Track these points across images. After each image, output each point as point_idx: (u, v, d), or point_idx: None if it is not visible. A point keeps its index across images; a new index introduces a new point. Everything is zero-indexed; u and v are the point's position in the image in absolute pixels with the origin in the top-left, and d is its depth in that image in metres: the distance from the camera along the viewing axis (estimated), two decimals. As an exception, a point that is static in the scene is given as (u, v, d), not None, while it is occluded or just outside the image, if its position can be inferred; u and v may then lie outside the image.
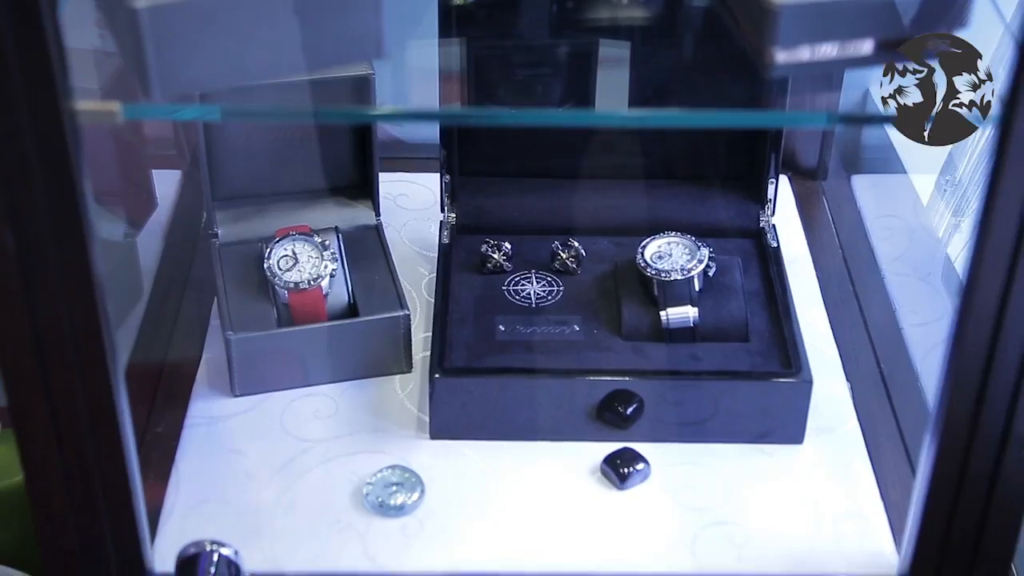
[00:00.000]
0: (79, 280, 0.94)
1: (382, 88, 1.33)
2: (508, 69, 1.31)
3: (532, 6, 1.27)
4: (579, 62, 1.29)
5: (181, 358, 1.37)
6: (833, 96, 1.17)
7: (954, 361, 1.00)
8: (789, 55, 0.95)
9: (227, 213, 1.43)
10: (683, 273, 1.31)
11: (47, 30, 0.85)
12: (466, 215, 1.45)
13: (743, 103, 1.03)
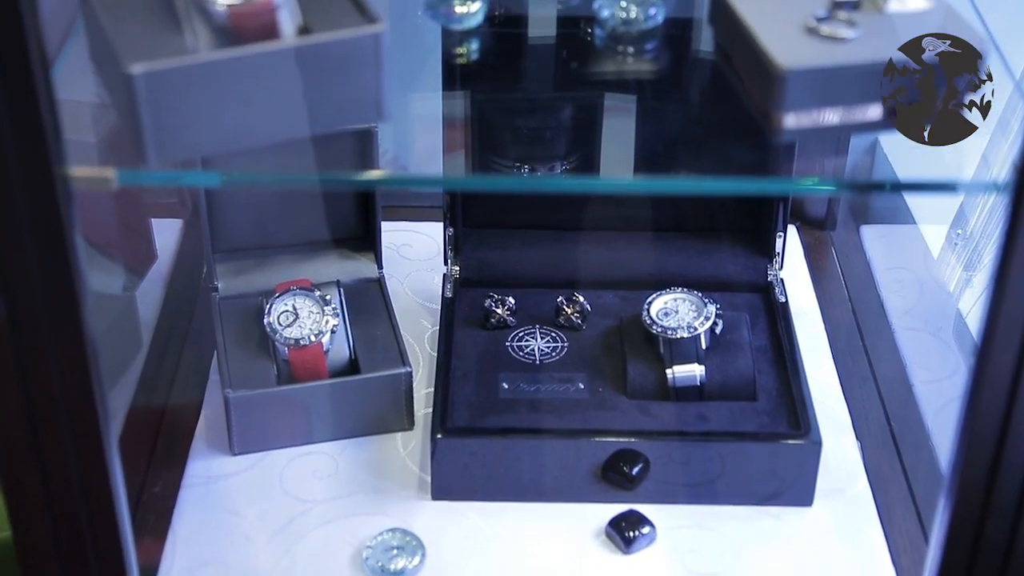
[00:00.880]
0: (72, 346, 0.92)
1: (384, 137, 1.31)
2: (512, 123, 1.29)
3: (537, 60, 1.26)
4: (584, 117, 1.28)
5: (180, 414, 1.35)
6: (840, 159, 1.15)
7: (968, 427, 0.98)
8: (796, 119, 0.94)
9: (228, 266, 1.41)
10: (689, 331, 1.28)
11: (40, 94, 0.83)
12: (469, 268, 1.43)
13: (749, 166, 1.01)
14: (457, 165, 1.33)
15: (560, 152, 1.29)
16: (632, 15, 1.11)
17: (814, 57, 0.93)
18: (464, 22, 1.12)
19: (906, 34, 0.95)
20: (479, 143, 1.32)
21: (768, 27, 0.96)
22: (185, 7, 0.91)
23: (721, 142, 1.03)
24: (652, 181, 1.01)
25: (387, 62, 0.94)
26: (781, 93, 0.92)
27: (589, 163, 1.30)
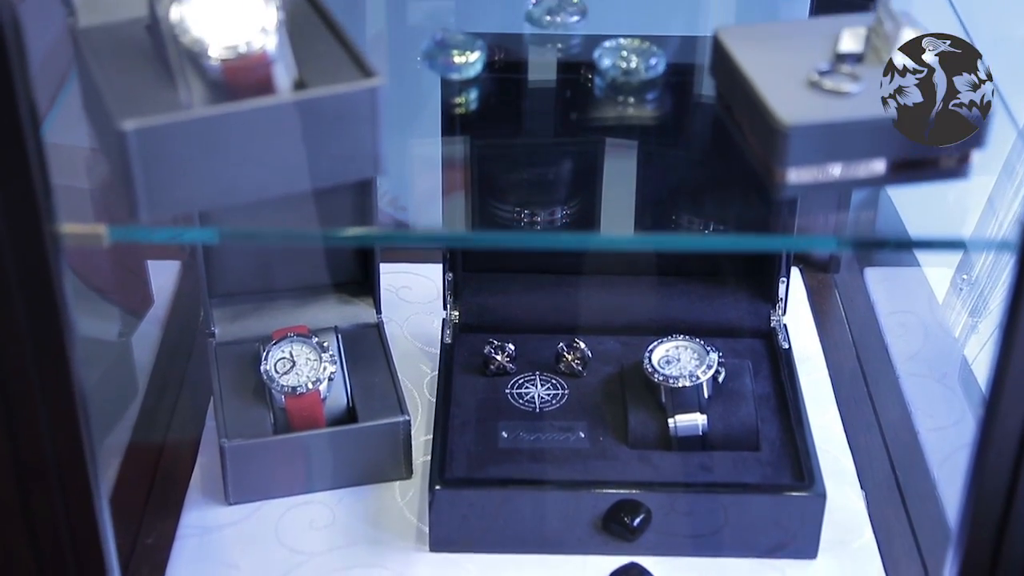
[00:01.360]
0: (62, 406, 0.90)
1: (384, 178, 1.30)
2: (512, 169, 1.28)
3: (536, 105, 1.25)
4: (584, 162, 1.26)
5: (175, 462, 1.34)
6: (843, 212, 1.14)
7: (977, 483, 0.96)
8: (798, 175, 0.92)
9: (225, 311, 1.40)
10: (692, 379, 1.27)
11: (30, 151, 0.82)
12: (469, 313, 1.41)
13: (750, 220, 1.00)
14: (457, 208, 1.31)
15: (560, 197, 1.28)
16: (632, 65, 1.09)
17: (816, 112, 0.92)
18: (463, 72, 1.11)
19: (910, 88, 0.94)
20: (479, 188, 1.31)
21: (770, 80, 0.95)
22: (179, 60, 0.90)
23: (722, 195, 1.02)
24: (653, 237, 0.99)
25: (384, 115, 0.92)
26: (783, 148, 0.91)
27: (590, 208, 1.29)
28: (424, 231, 1.09)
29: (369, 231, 1.07)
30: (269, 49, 0.90)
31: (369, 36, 1.34)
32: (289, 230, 1.04)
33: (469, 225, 1.31)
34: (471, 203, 1.31)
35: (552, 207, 1.31)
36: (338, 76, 0.93)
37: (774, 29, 1.03)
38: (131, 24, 0.97)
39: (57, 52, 1.05)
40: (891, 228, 1.03)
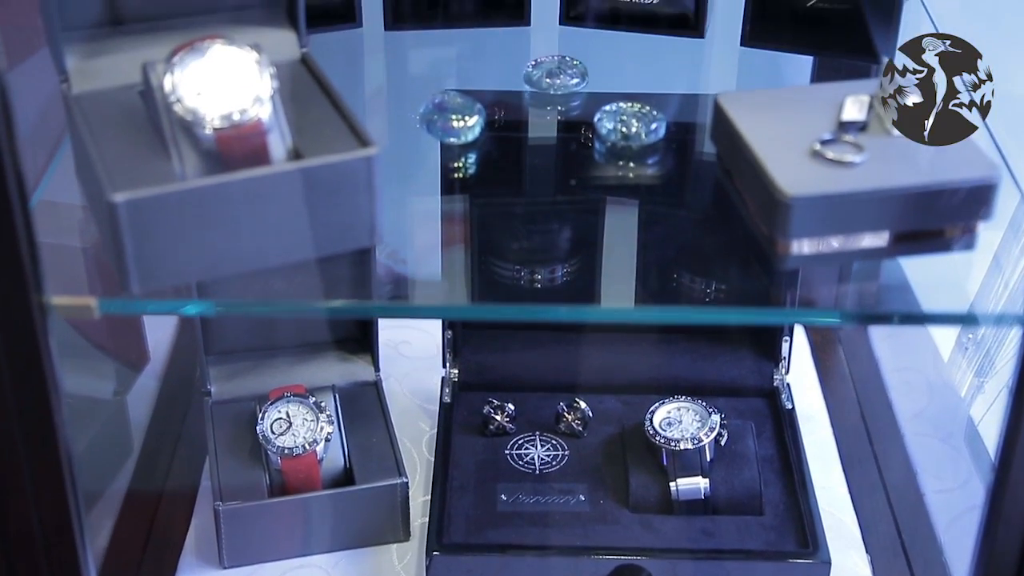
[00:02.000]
0: (50, 478, 0.89)
1: (385, 231, 1.28)
2: (512, 227, 1.26)
3: (537, 164, 1.23)
4: (585, 220, 1.25)
5: (169, 523, 1.32)
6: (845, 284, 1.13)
7: (986, 552, 0.94)
8: (801, 246, 0.91)
9: (221, 369, 1.38)
10: (694, 442, 1.25)
11: (18, 223, 0.81)
12: (468, 371, 1.40)
13: (752, 291, 0.99)
14: (456, 264, 1.30)
15: (561, 255, 1.26)
16: (633, 130, 1.08)
17: (819, 183, 0.90)
18: (461, 136, 1.10)
19: (914, 158, 0.93)
20: (478, 246, 1.29)
21: (772, 149, 0.94)
22: (171, 129, 0.89)
23: (723, 264, 1.00)
24: (654, 310, 0.98)
25: (384, 171, 0.91)
26: (785, 219, 0.90)
27: (590, 266, 1.27)
28: (422, 303, 1.07)
29: (367, 303, 1.05)
30: (263, 118, 0.89)
31: (368, 91, 1.32)
32: (286, 303, 1.03)
33: (468, 284, 1.29)
34: (470, 260, 1.30)
35: (552, 265, 1.29)
36: (334, 145, 0.92)
37: (776, 95, 1.02)
38: (125, 90, 0.96)
39: (53, 113, 1.04)
40: (897, 292, 1.01)
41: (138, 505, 1.34)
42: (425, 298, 1.43)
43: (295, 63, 1.02)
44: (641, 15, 1.23)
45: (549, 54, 1.20)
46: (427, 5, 1.24)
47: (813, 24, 1.20)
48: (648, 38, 1.23)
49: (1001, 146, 1.10)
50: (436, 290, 1.31)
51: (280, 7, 1.02)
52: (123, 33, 0.99)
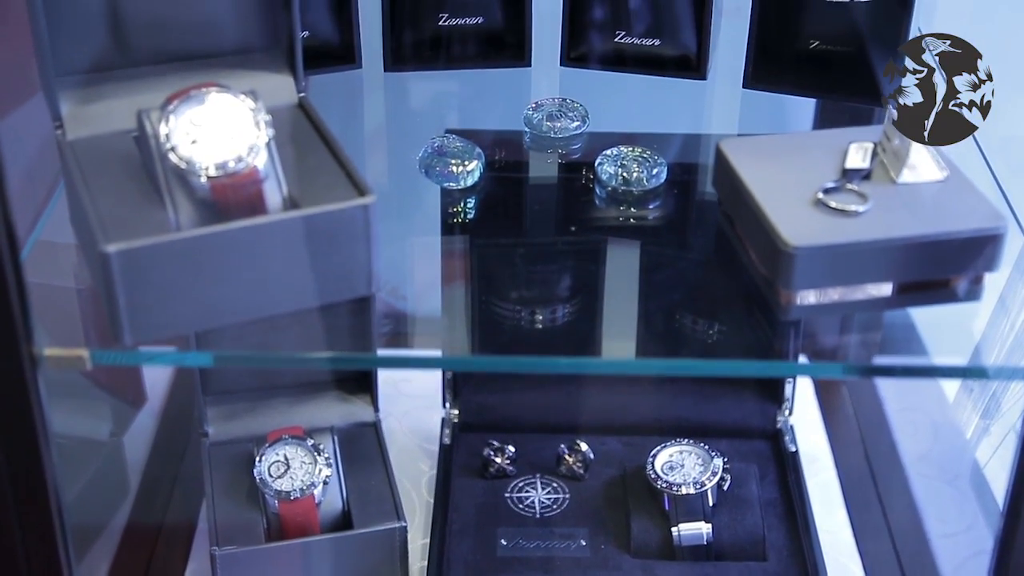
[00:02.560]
0: (40, 531, 0.87)
1: (384, 268, 1.27)
2: (512, 267, 1.25)
3: (537, 204, 1.22)
4: (586, 261, 1.24)
5: (165, 566, 1.30)
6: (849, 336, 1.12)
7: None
8: (804, 297, 0.90)
9: (219, 409, 1.36)
10: (696, 487, 1.23)
11: (8, 275, 0.80)
12: (469, 412, 1.38)
13: (755, 342, 0.97)
14: (456, 303, 1.28)
15: (561, 300, 1.25)
16: (634, 175, 1.07)
17: (823, 233, 0.89)
18: (460, 180, 1.08)
19: (920, 207, 0.91)
20: (478, 288, 1.28)
21: (775, 197, 0.93)
22: (165, 178, 0.88)
23: (725, 314, 0.99)
24: (656, 362, 0.97)
25: (380, 224, 0.90)
26: (788, 270, 0.88)
27: (592, 306, 1.26)
28: (422, 355, 1.06)
29: (367, 355, 1.04)
30: (259, 166, 0.88)
31: (367, 132, 1.32)
32: (285, 354, 1.02)
33: (468, 324, 1.28)
34: (470, 302, 1.29)
35: (552, 311, 1.28)
36: (331, 192, 0.91)
37: (778, 142, 1.01)
38: (120, 136, 0.95)
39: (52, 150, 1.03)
40: (902, 343, 1.00)
41: (134, 547, 1.32)
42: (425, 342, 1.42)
43: (292, 108, 1.01)
44: (643, 56, 1.22)
45: (550, 96, 1.19)
46: (427, 46, 1.23)
47: (816, 66, 1.19)
48: (650, 79, 1.22)
49: (1005, 188, 1.09)
50: (436, 328, 1.30)
51: (278, 51, 1.02)
52: (118, 78, 0.99)
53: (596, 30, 1.21)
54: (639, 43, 1.21)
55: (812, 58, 1.19)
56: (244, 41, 1.01)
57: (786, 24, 1.18)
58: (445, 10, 1.21)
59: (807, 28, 1.17)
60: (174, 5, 0.98)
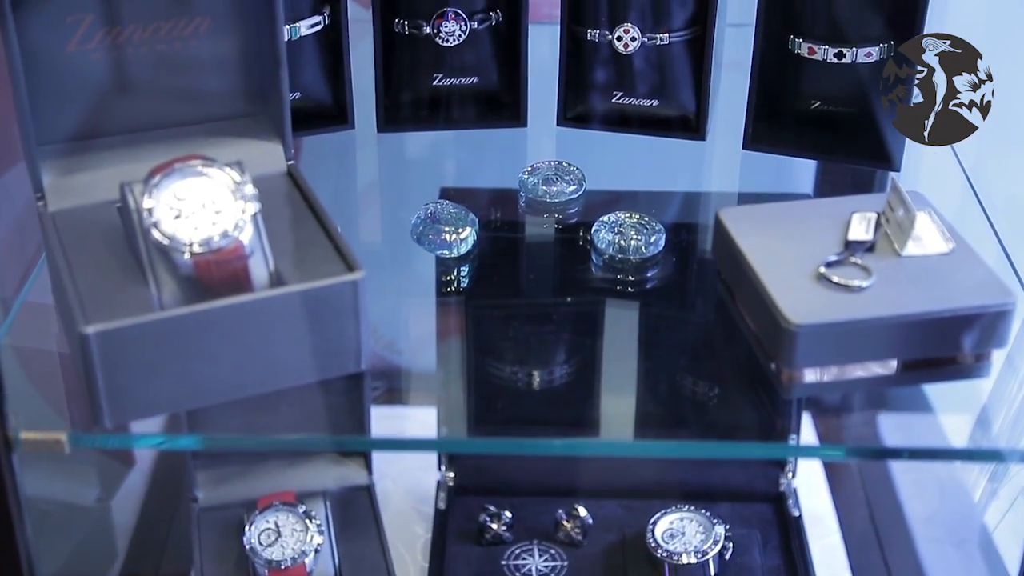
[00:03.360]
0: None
1: (381, 322, 1.24)
2: (508, 329, 1.22)
3: (534, 266, 1.20)
4: (584, 323, 1.21)
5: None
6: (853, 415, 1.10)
7: None
8: (807, 376, 0.87)
9: (208, 474, 1.33)
10: (697, 556, 1.20)
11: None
12: (465, 474, 1.35)
13: (756, 421, 0.95)
14: (453, 362, 1.26)
15: (558, 365, 1.22)
16: (631, 243, 1.04)
17: (826, 310, 0.87)
18: (454, 249, 1.06)
19: (925, 281, 0.89)
20: (474, 347, 1.26)
21: (776, 271, 0.90)
22: (148, 254, 0.85)
23: (726, 391, 0.96)
24: (654, 444, 0.95)
25: (367, 308, 0.88)
26: (790, 348, 0.86)
27: (590, 368, 1.23)
28: (417, 439, 1.04)
29: (361, 438, 1.01)
30: (244, 242, 0.85)
31: (360, 191, 1.29)
32: (276, 438, 0.99)
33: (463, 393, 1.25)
34: (466, 361, 1.26)
35: (549, 375, 1.25)
36: (319, 267, 0.89)
37: (779, 210, 0.98)
38: (103, 207, 0.93)
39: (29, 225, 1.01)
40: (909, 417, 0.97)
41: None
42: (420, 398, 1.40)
43: (281, 176, 0.99)
44: (640, 116, 1.19)
45: (545, 159, 1.17)
46: (421, 106, 1.21)
47: (817, 127, 1.16)
48: (648, 139, 1.20)
49: (1012, 254, 1.07)
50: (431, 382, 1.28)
51: (266, 117, 0.99)
52: (103, 146, 0.96)
53: (593, 90, 1.19)
54: (637, 103, 1.18)
55: (813, 119, 1.16)
56: (232, 107, 0.99)
57: (787, 84, 1.16)
58: (440, 70, 1.18)
59: (808, 88, 1.15)
60: (159, 71, 0.95)
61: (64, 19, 0.91)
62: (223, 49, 0.96)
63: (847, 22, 1.09)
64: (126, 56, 0.94)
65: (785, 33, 1.12)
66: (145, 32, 0.94)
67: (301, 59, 1.16)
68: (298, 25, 1.13)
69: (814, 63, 1.11)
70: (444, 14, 1.15)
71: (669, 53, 1.15)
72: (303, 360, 0.88)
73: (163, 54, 0.95)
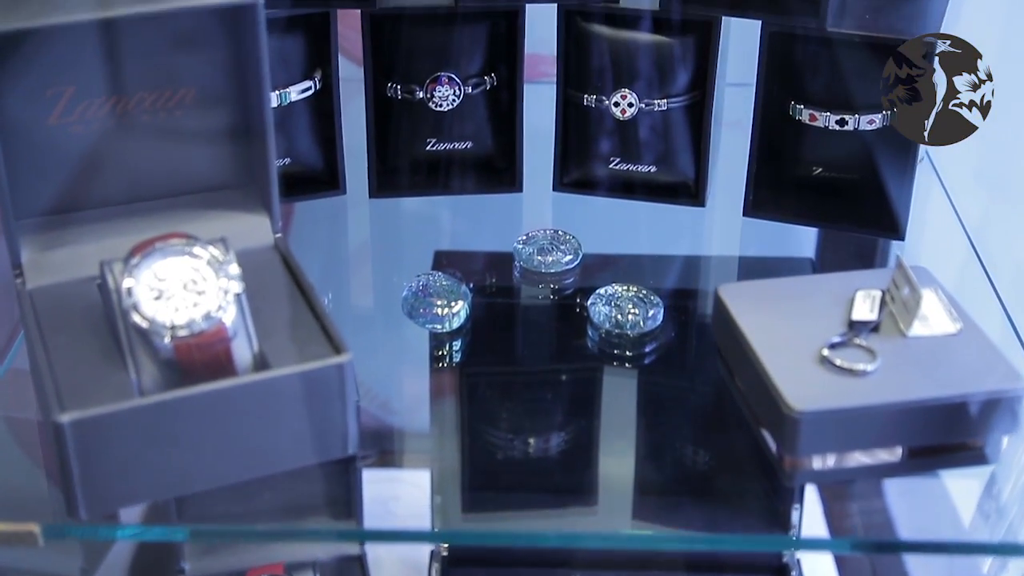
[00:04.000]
0: None
1: (375, 382, 1.21)
2: (505, 395, 1.19)
3: (529, 331, 1.17)
4: (581, 388, 1.18)
5: None
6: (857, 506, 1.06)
7: None
8: (809, 464, 0.84)
9: (196, 544, 1.30)
10: (697, 634, 1.16)
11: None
12: (459, 545, 1.31)
13: (757, 509, 0.91)
14: (448, 430, 1.22)
15: (556, 424, 1.19)
16: (629, 318, 1.01)
17: (829, 395, 0.83)
18: (446, 323, 1.03)
19: (932, 365, 0.86)
20: (469, 413, 1.22)
21: (777, 354, 0.87)
22: (128, 337, 0.82)
23: (726, 479, 0.93)
24: (651, 535, 0.91)
25: (354, 391, 0.85)
26: (793, 436, 0.83)
27: (587, 435, 1.20)
28: (411, 530, 1.01)
29: (353, 528, 0.98)
30: (227, 323, 0.82)
31: (353, 251, 1.26)
32: (265, 527, 0.96)
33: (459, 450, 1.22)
34: (461, 427, 1.23)
35: (547, 434, 1.22)
36: (305, 348, 0.86)
37: (780, 287, 0.95)
38: (83, 284, 0.90)
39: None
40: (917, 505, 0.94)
41: None
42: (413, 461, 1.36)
43: (268, 250, 0.96)
44: (639, 183, 1.17)
45: (541, 228, 1.14)
46: (414, 171, 1.19)
47: (819, 194, 1.14)
48: (646, 204, 1.18)
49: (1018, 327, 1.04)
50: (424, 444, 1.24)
51: (253, 189, 0.96)
52: (84, 220, 0.93)
53: (590, 156, 1.17)
54: (635, 169, 1.16)
55: (815, 185, 1.14)
56: (217, 178, 0.96)
57: (787, 150, 1.13)
58: (433, 135, 1.16)
59: (809, 154, 1.12)
60: (143, 143, 0.93)
61: (45, 92, 0.88)
62: (209, 120, 0.93)
63: (849, 89, 1.06)
64: (109, 128, 0.91)
65: (786, 99, 1.10)
66: (129, 104, 0.91)
67: (292, 124, 1.13)
68: (289, 91, 1.10)
69: (815, 129, 1.09)
70: (438, 78, 1.13)
71: (668, 119, 1.13)
72: (288, 445, 0.84)
73: (147, 126, 0.92)
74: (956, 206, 1.20)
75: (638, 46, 1.11)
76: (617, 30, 1.11)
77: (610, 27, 1.11)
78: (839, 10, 1.05)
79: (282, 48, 1.10)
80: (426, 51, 1.13)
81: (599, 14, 1.11)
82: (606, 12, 1.11)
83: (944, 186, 1.21)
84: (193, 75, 0.92)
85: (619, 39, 1.11)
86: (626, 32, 1.11)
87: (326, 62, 1.13)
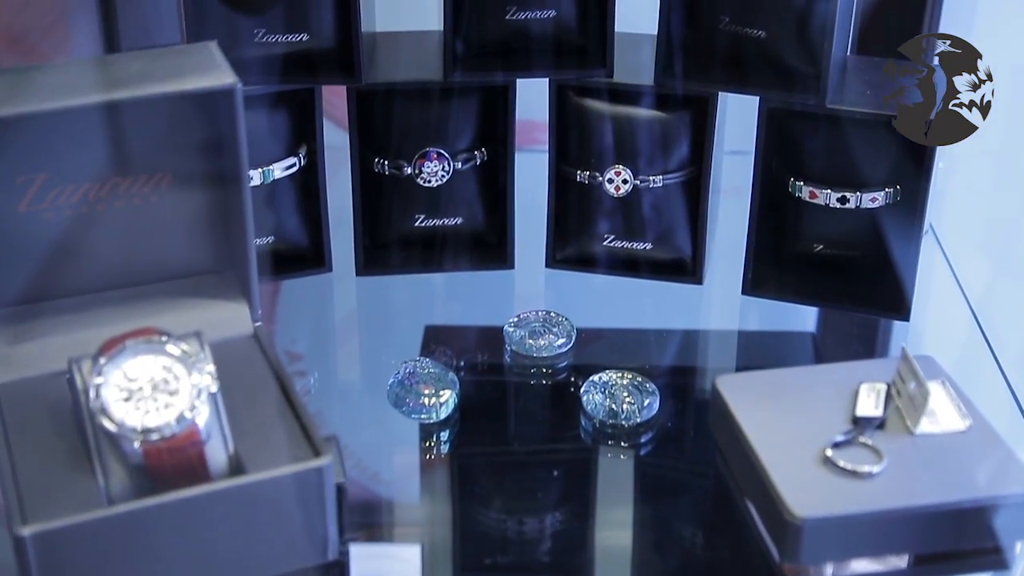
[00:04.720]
0: None
1: (367, 454, 1.17)
2: (498, 475, 1.15)
3: (523, 409, 1.13)
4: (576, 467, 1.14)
5: None
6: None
7: None
8: (814, 571, 0.80)
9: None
10: None
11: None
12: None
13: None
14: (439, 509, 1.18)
15: (551, 503, 1.15)
16: (624, 407, 0.98)
17: (833, 500, 0.80)
18: (433, 414, 0.99)
19: (941, 465, 0.82)
20: (461, 492, 1.18)
21: (778, 453, 0.83)
22: (96, 441, 0.79)
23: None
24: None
25: (332, 496, 0.81)
26: (795, 542, 0.79)
27: (583, 517, 1.16)
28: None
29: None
30: (200, 426, 0.79)
31: (339, 329, 1.23)
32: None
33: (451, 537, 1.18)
34: (453, 508, 1.19)
35: (542, 514, 1.18)
36: (282, 450, 0.82)
37: (780, 379, 0.92)
38: (51, 379, 0.86)
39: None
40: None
41: None
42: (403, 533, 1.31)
43: (246, 339, 0.92)
44: (634, 260, 1.13)
45: (532, 309, 1.10)
46: (404, 248, 1.15)
47: (820, 271, 1.10)
48: (642, 281, 1.14)
49: None
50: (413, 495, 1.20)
51: (231, 274, 0.93)
52: (55, 311, 0.90)
53: (583, 232, 1.13)
54: (630, 246, 1.12)
55: (816, 263, 1.10)
56: (194, 264, 0.93)
57: (787, 226, 1.10)
58: (422, 211, 1.13)
59: (810, 231, 1.08)
60: (117, 230, 0.89)
61: (14, 179, 0.85)
62: (185, 205, 0.90)
63: (850, 166, 1.03)
64: (81, 215, 0.88)
65: (785, 175, 1.06)
66: (102, 190, 0.88)
67: (276, 202, 1.10)
68: (272, 168, 1.07)
69: (816, 207, 1.05)
70: (426, 154, 1.09)
71: (663, 195, 1.10)
72: (265, 552, 0.81)
73: (121, 212, 0.89)
74: (960, 280, 1.17)
75: (632, 122, 1.08)
76: (611, 105, 1.08)
77: (603, 102, 1.08)
78: (839, 86, 1.02)
79: (265, 124, 1.07)
80: (414, 126, 1.10)
81: (592, 88, 1.08)
82: (599, 87, 1.08)
83: (948, 259, 1.18)
84: (168, 160, 0.88)
85: (613, 114, 1.08)
86: (620, 107, 1.08)
87: (311, 137, 1.09)
